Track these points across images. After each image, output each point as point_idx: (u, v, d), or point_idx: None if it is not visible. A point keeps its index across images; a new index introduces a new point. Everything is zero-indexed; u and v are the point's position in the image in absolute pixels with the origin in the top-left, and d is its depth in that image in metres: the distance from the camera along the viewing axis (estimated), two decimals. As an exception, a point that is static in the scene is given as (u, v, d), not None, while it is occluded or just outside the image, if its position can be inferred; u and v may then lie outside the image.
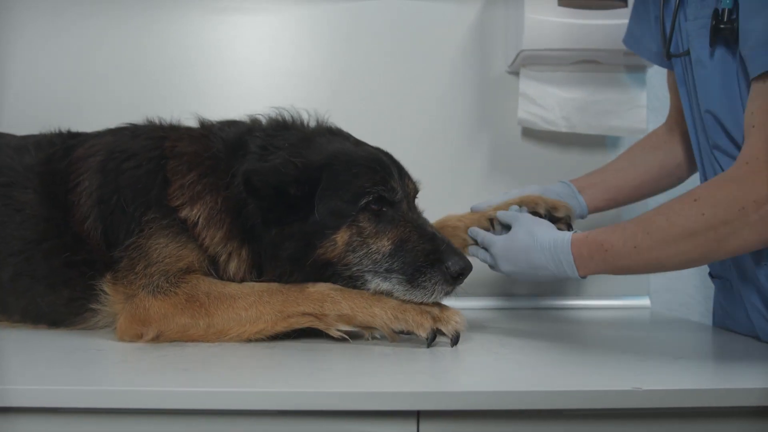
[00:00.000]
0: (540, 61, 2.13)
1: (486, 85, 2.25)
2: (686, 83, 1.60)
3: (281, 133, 1.58)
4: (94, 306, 1.51)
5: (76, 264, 1.54)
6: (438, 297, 1.42)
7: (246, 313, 1.39)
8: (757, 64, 1.32)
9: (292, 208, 1.45)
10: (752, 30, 1.34)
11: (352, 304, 1.39)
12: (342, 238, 1.44)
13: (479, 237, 1.65)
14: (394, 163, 1.58)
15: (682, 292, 2.41)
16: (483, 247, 1.64)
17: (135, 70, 2.19)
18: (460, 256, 1.44)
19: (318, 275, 1.45)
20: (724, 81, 1.45)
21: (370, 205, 1.46)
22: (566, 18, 2.03)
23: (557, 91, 2.15)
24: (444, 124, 2.24)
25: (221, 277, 1.50)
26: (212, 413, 1.10)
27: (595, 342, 1.68)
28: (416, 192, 1.61)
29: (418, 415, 1.10)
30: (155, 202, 1.51)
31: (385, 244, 1.45)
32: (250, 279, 1.49)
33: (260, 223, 1.47)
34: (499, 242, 1.58)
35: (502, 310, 2.14)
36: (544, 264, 1.49)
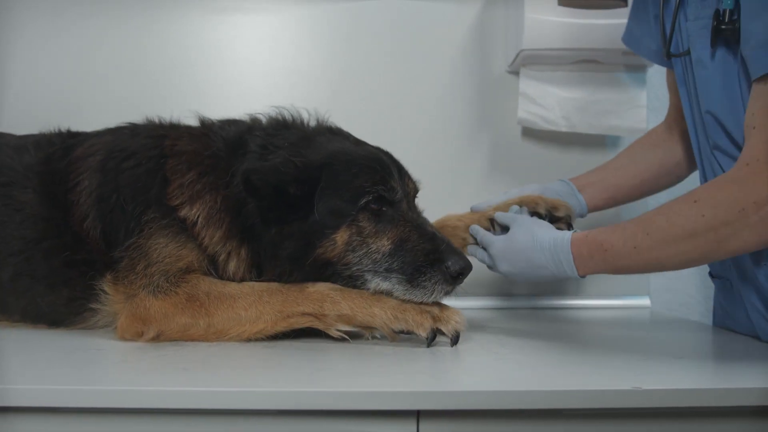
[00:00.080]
0: (540, 61, 2.13)
1: (486, 84, 2.24)
2: (686, 83, 1.60)
3: (281, 132, 1.58)
4: (94, 305, 1.51)
5: (75, 263, 1.54)
6: (438, 297, 1.42)
7: (246, 312, 1.39)
8: (758, 66, 1.32)
9: (291, 208, 1.44)
10: (754, 31, 1.34)
11: (352, 304, 1.38)
12: (342, 237, 1.44)
13: (479, 236, 1.65)
14: (394, 162, 1.58)
15: (682, 292, 2.40)
16: (482, 247, 1.64)
17: (135, 70, 2.19)
18: (460, 255, 1.43)
19: (318, 275, 1.45)
20: (725, 82, 1.45)
21: (369, 205, 1.45)
22: (566, 18, 2.03)
23: (557, 91, 2.15)
24: (444, 124, 2.24)
25: (221, 276, 1.50)
26: (212, 413, 1.09)
27: (595, 342, 1.68)
28: (416, 192, 1.61)
29: (418, 415, 1.10)
30: (155, 201, 1.51)
31: (385, 244, 1.45)
32: (249, 278, 1.49)
33: (260, 222, 1.47)
34: (498, 242, 1.58)
35: (501, 310, 2.13)
36: (543, 263, 1.49)
